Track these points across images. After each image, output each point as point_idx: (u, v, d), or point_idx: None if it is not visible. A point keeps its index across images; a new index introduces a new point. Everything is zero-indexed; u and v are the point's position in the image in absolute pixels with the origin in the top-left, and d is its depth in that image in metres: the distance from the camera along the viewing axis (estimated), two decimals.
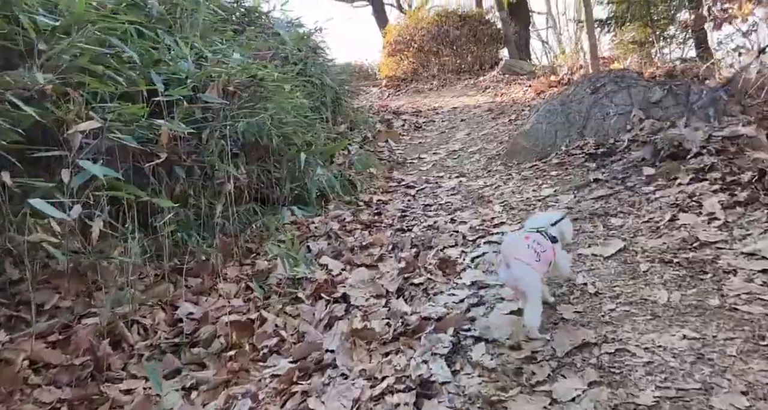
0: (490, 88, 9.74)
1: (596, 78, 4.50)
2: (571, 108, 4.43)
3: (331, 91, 6.21)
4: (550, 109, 4.58)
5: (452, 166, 5.13)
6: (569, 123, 4.38)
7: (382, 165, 5.35)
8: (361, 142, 5.98)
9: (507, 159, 4.73)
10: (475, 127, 6.68)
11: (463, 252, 2.89)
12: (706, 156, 3.05)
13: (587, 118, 4.27)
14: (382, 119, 8.06)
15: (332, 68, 6.94)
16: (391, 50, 13.36)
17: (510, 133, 5.71)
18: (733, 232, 2.22)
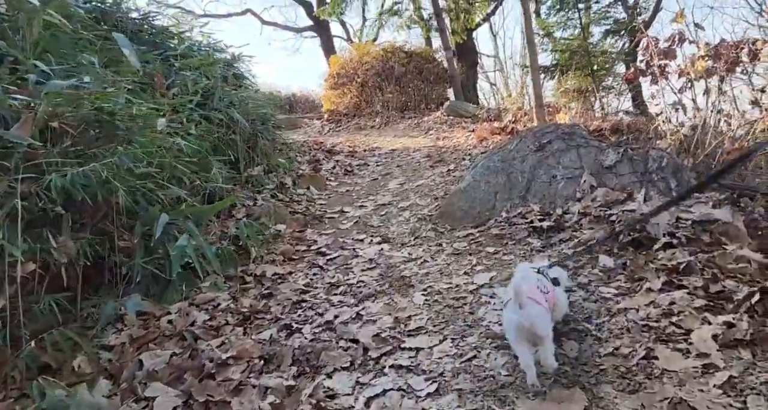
0: (433, 131, 9.17)
1: (542, 133, 3.88)
2: (514, 166, 3.76)
3: (246, 127, 5.30)
4: (490, 166, 3.89)
5: (377, 225, 4.30)
6: (511, 184, 3.69)
7: (295, 220, 4.44)
8: (274, 190, 5.06)
9: (440, 221, 3.95)
10: (411, 176, 5.94)
11: (357, 382, 2.01)
12: (678, 249, 2.37)
13: (531, 180, 3.60)
14: (311, 159, 7.21)
15: (251, 100, 6.07)
16: (334, 83, 12.71)
17: (446, 187, 4.99)
18: (747, 403, 1.46)
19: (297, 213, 4.69)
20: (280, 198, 4.96)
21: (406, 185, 5.56)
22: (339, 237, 4.12)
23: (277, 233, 4.07)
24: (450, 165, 5.95)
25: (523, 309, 1.65)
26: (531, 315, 1.64)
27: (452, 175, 5.46)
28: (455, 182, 5.11)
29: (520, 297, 1.65)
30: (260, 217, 4.26)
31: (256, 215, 4.25)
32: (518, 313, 1.66)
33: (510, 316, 1.70)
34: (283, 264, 3.52)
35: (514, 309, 1.68)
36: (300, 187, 5.68)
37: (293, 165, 6.51)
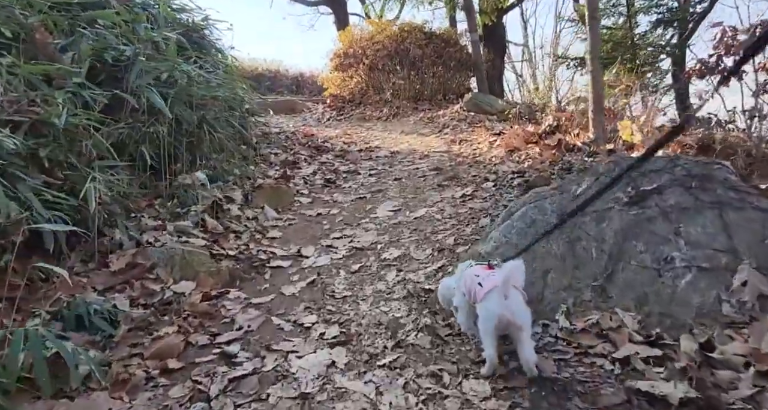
0: (449, 129, 7.42)
1: (640, 170, 2.13)
2: (583, 228, 2.05)
3: (168, 115, 3.66)
4: (537, 220, 2.20)
5: (340, 296, 2.65)
6: (577, 259, 2.00)
7: (213, 273, 2.80)
8: (203, 213, 3.40)
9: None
10: (410, 199, 4.24)
11: None
12: None
13: (618, 259, 1.91)
14: (286, 161, 5.54)
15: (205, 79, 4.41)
16: (339, 64, 10.95)
17: (458, 230, 3.29)
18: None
19: (225, 259, 3.04)
20: (208, 227, 3.31)
21: (400, 215, 3.86)
22: (273, 314, 2.47)
23: (168, 301, 2.44)
24: (466, 187, 4.23)
25: (508, 299, 1.59)
26: (512, 307, 1.60)
27: (468, 205, 3.75)
28: (472, 220, 3.41)
29: (506, 288, 1.59)
30: (154, 267, 2.62)
31: (148, 266, 2.61)
32: (503, 303, 1.59)
33: (491, 306, 1.63)
34: (129, 392, 1.87)
35: (496, 299, 1.62)
36: (251, 206, 4.03)
37: (255, 169, 4.85)
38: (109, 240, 2.75)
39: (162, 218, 3.28)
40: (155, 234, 2.94)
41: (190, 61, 4.54)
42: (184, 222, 3.19)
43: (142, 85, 3.54)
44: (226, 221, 3.52)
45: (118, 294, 2.36)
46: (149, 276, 2.56)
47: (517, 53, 19.04)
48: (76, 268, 2.48)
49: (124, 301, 2.30)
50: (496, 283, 1.65)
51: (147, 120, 3.63)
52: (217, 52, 5.89)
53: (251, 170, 4.74)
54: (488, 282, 1.71)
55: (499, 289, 1.61)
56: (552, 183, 3.55)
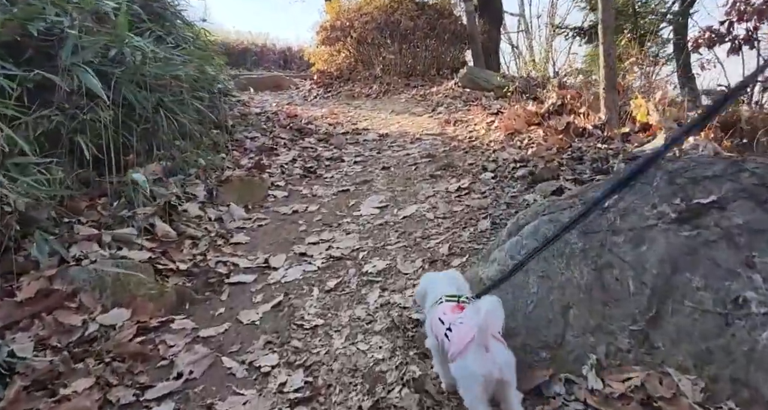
0: (443, 108, 6.84)
1: (690, 173, 1.61)
2: (615, 250, 1.55)
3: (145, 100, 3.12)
4: (550, 236, 1.67)
5: (310, 326, 2.16)
6: (607, 292, 1.52)
7: (155, 296, 2.29)
8: (153, 215, 2.88)
9: None
10: (400, 193, 3.73)
11: None
12: None
13: (666, 295, 1.42)
14: (263, 146, 4.98)
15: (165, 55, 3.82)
16: (326, 37, 10.22)
17: (454, 233, 2.79)
18: None
19: (173, 275, 2.54)
20: (157, 234, 2.79)
21: (387, 214, 3.35)
22: (225, 353, 1.99)
23: (91, 339, 1.95)
24: (462, 178, 3.71)
25: (489, 352, 1.24)
26: (498, 360, 1.25)
27: (464, 202, 3.24)
28: (469, 222, 2.90)
29: (484, 338, 1.23)
30: (77, 293, 2.12)
31: (69, 291, 2.10)
32: (486, 360, 1.23)
33: (472, 367, 1.25)
34: None
35: (478, 355, 1.24)
36: (216, 203, 3.50)
37: (226, 158, 4.30)
38: (25, 258, 2.23)
39: (103, 223, 2.76)
40: (87, 246, 2.42)
41: (147, 34, 3.93)
42: (125, 230, 2.67)
43: (77, 64, 2.96)
44: (182, 224, 3.00)
45: (21, 333, 1.86)
46: (69, 305, 2.06)
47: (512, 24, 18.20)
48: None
49: (27, 345, 1.81)
50: (469, 335, 1.28)
51: (86, 105, 3.06)
52: (185, 25, 5.26)
53: (220, 159, 4.19)
54: (459, 333, 1.34)
55: (477, 343, 1.25)
56: (560, 176, 3.04)
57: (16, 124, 2.61)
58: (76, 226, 2.58)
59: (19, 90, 2.66)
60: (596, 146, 3.38)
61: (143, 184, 2.75)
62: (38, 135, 2.79)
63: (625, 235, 1.52)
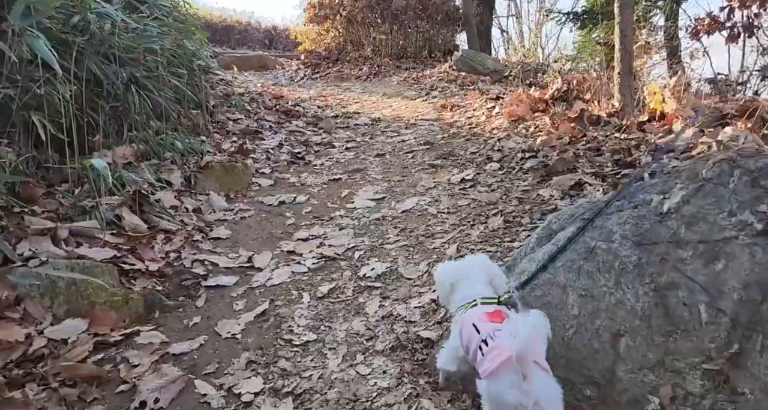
0: (437, 92, 6.51)
1: None
2: (680, 266, 1.27)
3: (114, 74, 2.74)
4: (598, 248, 1.39)
5: (298, 349, 1.85)
6: (671, 320, 1.25)
7: (116, 304, 1.96)
8: (122, 204, 2.52)
9: None
10: (396, 183, 3.42)
11: None
12: None
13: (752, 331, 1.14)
14: (247, 129, 4.60)
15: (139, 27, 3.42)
16: (314, 15, 9.75)
17: (461, 232, 2.50)
18: None
19: (141, 277, 2.20)
20: (125, 227, 2.44)
21: (384, 207, 3.04)
22: (198, 375, 1.68)
23: (37, 357, 1.62)
24: (465, 168, 3.41)
25: (527, 380, 1.02)
26: (536, 392, 1.02)
27: (470, 195, 2.94)
28: (478, 218, 2.61)
29: (525, 365, 1.03)
30: (20, 301, 1.78)
31: (11, 299, 1.76)
32: (519, 389, 1.03)
33: (502, 394, 1.05)
34: None
35: (513, 381, 1.04)
36: (195, 192, 3.16)
37: (206, 141, 3.93)
38: None
39: (61, 214, 2.41)
40: (38, 242, 2.07)
41: (114, 0, 3.51)
42: (86, 223, 2.31)
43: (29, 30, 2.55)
44: (154, 216, 2.65)
45: None
46: (11, 315, 1.72)
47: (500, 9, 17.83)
48: None
49: None
50: (505, 353, 1.08)
51: (42, 77, 2.66)
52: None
53: (199, 142, 3.82)
54: (496, 350, 1.13)
55: (514, 367, 1.06)
56: (578, 169, 2.76)
57: None
58: (27, 218, 2.22)
59: None
60: (613, 136, 3.11)
61: (104, 172, 2.38)
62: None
63: (693, 249, 1.25)
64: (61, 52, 2.72)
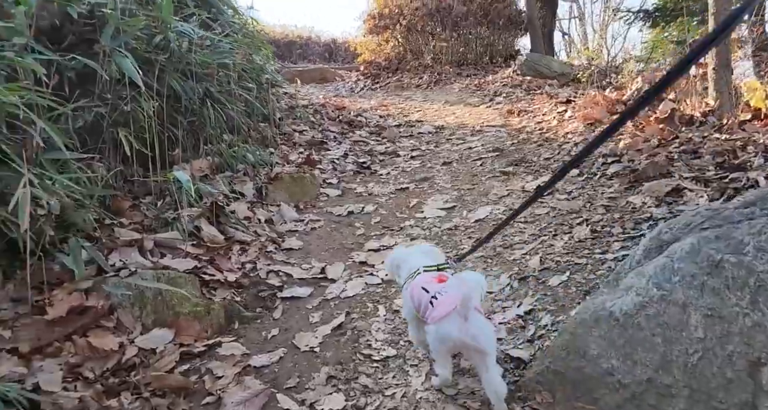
0: (502, 97, 6.33)
1: None
2: None
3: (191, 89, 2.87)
4: (725, 262, 1.22)
5: (378, 365, 1.79)
6: None
7: (199, 313, 1.98)
8: (200, 216, 2.58)
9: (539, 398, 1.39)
10: (465, 192, 3.31)
11: None
12: None
13: None
14: (312, 140, 4.67)
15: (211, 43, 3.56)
16: (374, 26, 9.84)
17: (542, 242, 2.34)
18: None
19: (221, 287, 2.23)
20: (204, 238, 2.50)
21: (455, 216, 2.94)
22: (280, 389, 1.65)
23: (129, 366, 1.65)
24: (540, 175, 3.25)
25: (467, 321, 1.35)
26: (473, 330, 1.35)
27: (549, 204, 2.77)
28: (560, 228, 2.44)
29: (466, 309, 1.35)
30: (114, 310, 1.84)
31: (106, 308, 1.82)
32: (464, 327, 1.35)
33: (447, 331, 1.38)
34: None
35: (455, 323, 1.36)
36: (266, 203, 3.20)
37: (275, 153, 4.01)
38: (61, 266, 1.98)
39: (146, 225, 2.50)
40: (127, 253, 2.15)
41: (192, 19, 3.67)
42: (169, 234, 2.39)
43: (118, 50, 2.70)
44: (229, 227, 2.70)
45: (49, 360, 1.59)
46: (106, 324, 1.78)
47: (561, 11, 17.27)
48: (2, 314, 1.72)
49: (55, 375, 1.53)
50: (453, 305, 1.38)
51: (128, 95, 2.81)
52: (232, 11, 5.00)
53: (269, 154, 3.89)
54: (443, 303, 1.43)
55: (460, 311, 1.36)
56: (673, 173, 2.52)
57: (54, 116, 2.37)
58: (117, 229, 2.32)
59: (57, 78, 2.43)
60: (712, 137, 2.82)
61: (186, 185, 2.45)
62: (78, 128, 2.55)
63: None
64: (144, 70, 2.85)
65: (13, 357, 1.56)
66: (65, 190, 2.11)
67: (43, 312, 1.73)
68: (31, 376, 1.52)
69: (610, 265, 1.93)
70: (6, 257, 1.88)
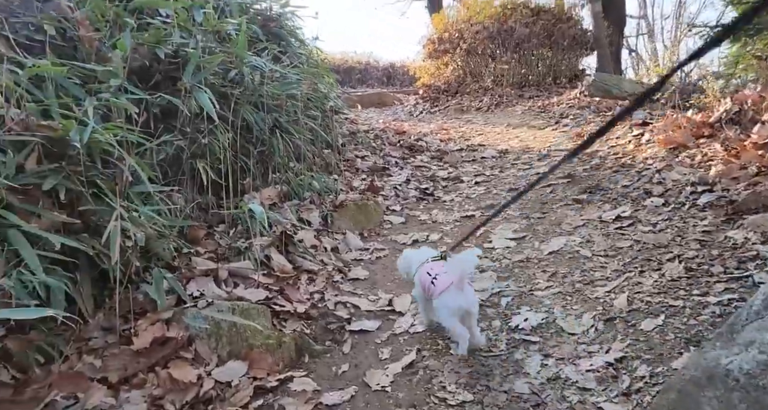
0: (569, 119, 6.11)
1: None
2: None
3: (262, 120, 3.00)
4: None
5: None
6: None
7: (270, 347, 1.99)
8: (270, 246, 2.63)
9: None
10: (536, 221, 3.17)
11: None
12: None
13: None
14: (374, 166, 4.70)
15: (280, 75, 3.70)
16: (433, 50, 9.92)
17: (628, 279, 2.17)
18: None
19: (291, 318, 2.23)
20: (274, 268, 2.53)
21: (526, 247, 2.81)
22: None
23: (207, 399, 1.67)
24: (619, 204, 3.05)
25: (463, 292, 1.82)
26: (469, 299, 1.84)
27: (631, 235, 2.59)
28: (647, 263, 2.26)
29: (461, 283, 1.82)
30: (192, 342, 1.88)
31: (185, 339, 1.87)
32: (460, 297, 1.82)
33: (449, 301, 1.84)
34: None
35: (454, 293, 1.83)
36: (331, 231, 3.22)
37: (338, 180, 4.06)
38: (144, 296, 2.06)
39: (220, 254, 2.58)
40: (204, 283, 2.21)
41: (264, 53, 3.84)
42: (242, 264, 2.44)
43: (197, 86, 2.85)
44: (297, 256, 2.73)
45: (135, 391, 1.63)
46: (185, 355, 1.82)
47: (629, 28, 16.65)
48: (93, 343, 1.80)
49: (140, 407, 1.57)
50: (450, 281, 1.84)
51: (206, 128, 2.95)
52: (299, 43, 5.20)
53: (333, 181, 3.95)
54: (442, 280, 1.89)
55: (456, 285, 1.82)
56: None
57: (141, 151, 2.52)
58: (193, 259, 2.41)
59: (145, 115, 2.59)
60: None
61: (260, 216, 2.51)
62: (160, 160, 2.70)
63: None
64: (221, 103, 2.99)
65: (103, 387, 1.62)
66: (149, 221, 2.22)
67: (130, 341, 1.79)
68: (118, 407, 1.56)
69: (714, 310, 1.74)
70: (97, 287, 1.98)
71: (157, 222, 2.27)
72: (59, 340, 1.73)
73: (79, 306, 1.88)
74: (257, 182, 3.43)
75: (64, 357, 1.68)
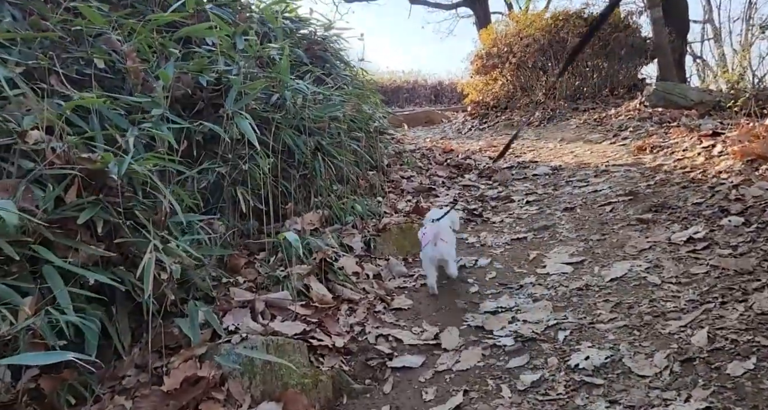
0: (628, 132, 5.72)
1: None
2: None
3: (304, 144, 2.98)
4: None
5: None
6: None
7: (309, 388, 1.87)
8: (308, 275, 2.54)
9: None
10: (595, 243, 2.90)
11: None
12: None
13: None
14: (420, 187, 4.56)
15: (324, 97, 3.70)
16: (482, 65, 9.74)
17: (706, 311, 1.89)
18: None
19: (329, 354, 2.11)
20: (312, 298, 2.43)
21: (585, 273, 2.55)
22: None
23: None
24: (690, 224, 2.73)
25: (437, 246, 2.52)
26: (442, 252, 2.54)
27: (707, 261, 2.28)
28: (729, 293, 1.96)
29: (436, 240, 2.53)
30: (225, 381, 1.79)
31: (218, 378, 1.79)
32: (434, 250, 2.53)
33: (428, 252, 2.56)
34: None
35: (431, 247, 2.54)
36: (374, 256, 3.10)
37: (382, 202, 3.95)
38: (179, 330, 2.02)
39: (259, 284, 2.52)
40: (240, 316, 2.14)
41: (307, 76, 3.85)
42: (279, 294, 2.36)
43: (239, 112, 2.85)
44: (337, 284, 2.63)
45: None
46: (217, 396, 1.74)
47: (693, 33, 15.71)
48: (126, 382, 1.77)
49: None
50: (429, 239, 2.59)
51: (247, 154, 2.94)
52: (343, 65, 5.22)
53: (376, 204, 3.85)
54: (424, 238, 2.67)
55: (431, 242, 2.54)
56: None
57: (181, 179, 2.53)
58: (232, 289, 2.36)
59: (186, 143, 2.60)
60: None
61: (296, 244, 2.44)
62: (201, 188, 2.70)
63: None
64: (261, 128, 2.98)
65: None
66: (186, 252, 2.19)
67: (161, 381, 1.74)
68: None
69: None
70: (134, 320, 1.96)
71: (194, 252, 2.24)
72: (93, 378, 1.70)
73: (114, 342, 1.85)
74: (299, 207, 3.38)
75: (95, 397, 1.64)
